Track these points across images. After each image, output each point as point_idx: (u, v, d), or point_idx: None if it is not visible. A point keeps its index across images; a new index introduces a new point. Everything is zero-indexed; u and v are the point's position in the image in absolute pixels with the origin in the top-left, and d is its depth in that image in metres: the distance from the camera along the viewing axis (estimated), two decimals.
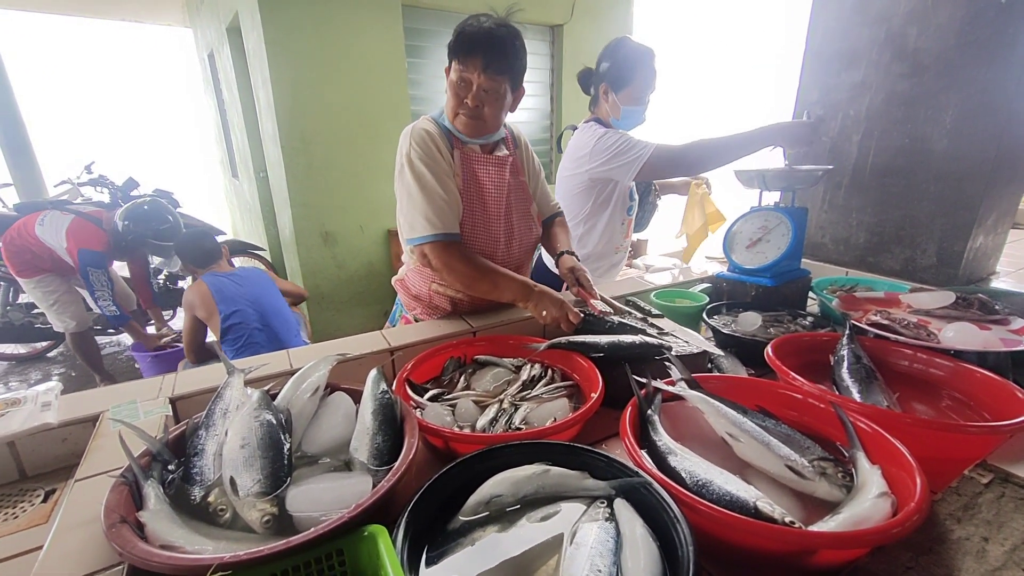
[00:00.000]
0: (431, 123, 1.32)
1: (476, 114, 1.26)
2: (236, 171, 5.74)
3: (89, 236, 3.03)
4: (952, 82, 1.51)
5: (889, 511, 0.62)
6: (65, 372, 4.06)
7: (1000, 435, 0.77)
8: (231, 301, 2.34)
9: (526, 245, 1.51)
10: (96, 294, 3.00)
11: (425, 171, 1.25)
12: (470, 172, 1.34)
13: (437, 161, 1.27)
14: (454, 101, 1.26)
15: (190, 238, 2.70)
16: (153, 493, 0.67)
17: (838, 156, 1.81)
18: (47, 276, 3.15)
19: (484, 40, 1.17)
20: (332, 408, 0.86)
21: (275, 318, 2.46)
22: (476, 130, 1.30)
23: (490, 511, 0.68)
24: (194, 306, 2.36)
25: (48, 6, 6.41)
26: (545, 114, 4.75)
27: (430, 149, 1.27)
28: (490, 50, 1.18)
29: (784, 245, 1.46)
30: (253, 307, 2.39)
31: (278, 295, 2.62)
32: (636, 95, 1.74)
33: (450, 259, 1.27)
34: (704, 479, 0.68)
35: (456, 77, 1.22)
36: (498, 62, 1.20)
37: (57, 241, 3.00)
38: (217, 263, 2.62)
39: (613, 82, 1.74)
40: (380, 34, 3.61)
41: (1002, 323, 1.10)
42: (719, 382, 0.95)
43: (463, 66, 1.20)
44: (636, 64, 1.71)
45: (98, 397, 1.00)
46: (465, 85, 1.22)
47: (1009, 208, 1.69)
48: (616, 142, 1.69)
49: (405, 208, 1.30)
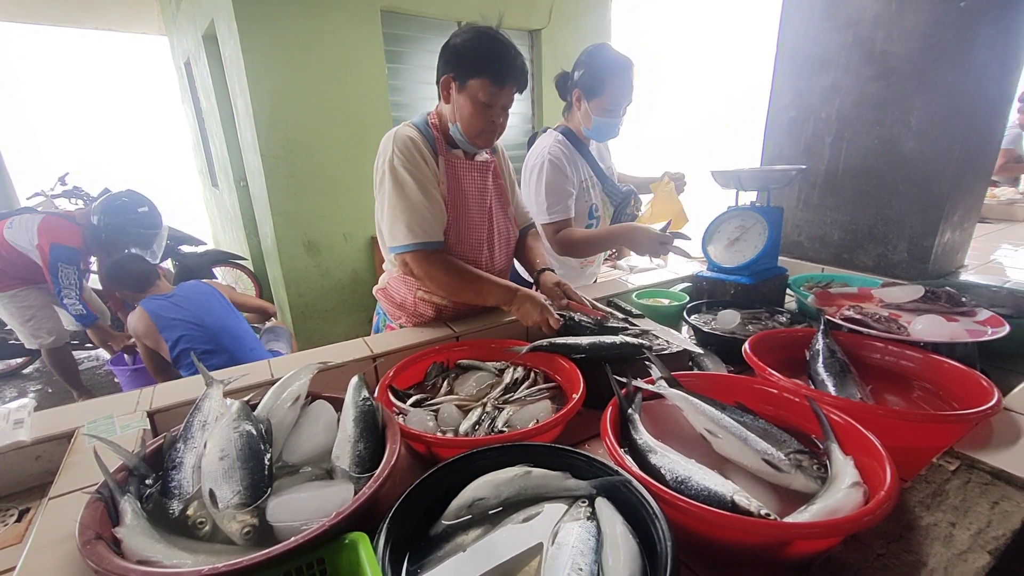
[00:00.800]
0: (414, 130, 1.31)
1: (499, 129, 1.31)
2: (216, 180, 5.66)
3: (61, 231, 2.87)
4: (919, 84, 1.56)
5: (861, 500, 0.64)
6: (41, 388, 3.96)
7: (967, 423, 0.79)
8: (173, 326, 2.19)
9: (509, 248, 1.53)
10: (62, 293, 2.82)
11: (408, 178, 1.25)
12: (455, 179, 1.35)
13: (421, 168, 1.27)
14: (479, 119, 1.26)
15: (118, 263, 2.48)
16: (130, 508, 0.66)
17: (812, 157, 1.86)
18: (23, 290, 3.02)
19: (514, 62, 1.23)
20: (313, 417, 0.85)
21: (225, 336, 2.29)
22: (492, 142, 1.34)
23: (473, 514, 0.69)
24: (140, 335, 2.23)
25: (19, 15, 6.28)
26: (526, 118, 4.78)
27: (414, 156, 1.26)
28: (520, 73, 1.24)
29: (761, 244, 1.49)
30: (198, 328, 2.23)
31: (228, 311, 2.46)
32: (608, 105, 1.67)
33: (432, 268, 1.27)
34: (683, 475, 0.69)
35: (486, 97, 1.23)
36: (522, 82, 1.26)
37: (28, 240, 2.83)
38: (154, 285, 2.43)
39: (586, 90, 1.69)
40: (359, 41, 3.60)
41: (968, 315, 1.14)
42: (698, 379, 0.97)
43: (496, 87, 1.22)
44: (611, 73, 1.65)
45: (73, 413, 0.98)
46: (495, 103, 1.25)
47: (974, 204, 1.75)
48: (538, 187, 1.69)
49: (387, 215, 1.29)
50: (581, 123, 1.76)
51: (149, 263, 2.60)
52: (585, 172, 1.80)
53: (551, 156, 1.69)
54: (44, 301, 3.14)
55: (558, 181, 1.68)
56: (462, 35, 1.24)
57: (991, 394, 0.83)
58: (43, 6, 5.80)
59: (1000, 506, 0.64)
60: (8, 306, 3.03)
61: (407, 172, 1.25)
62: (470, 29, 1.24)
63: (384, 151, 1.29)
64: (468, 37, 1.22)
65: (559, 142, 1.74)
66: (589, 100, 1.69)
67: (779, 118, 1.94)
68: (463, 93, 1.24)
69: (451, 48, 1.24)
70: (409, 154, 1.26)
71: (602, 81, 1.65)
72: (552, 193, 1.68)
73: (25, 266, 2.95)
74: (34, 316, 3.09)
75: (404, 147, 1.26)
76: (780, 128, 1.94)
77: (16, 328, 3.13)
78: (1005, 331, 1.04)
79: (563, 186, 1.69)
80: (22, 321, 3.09)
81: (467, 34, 1.23)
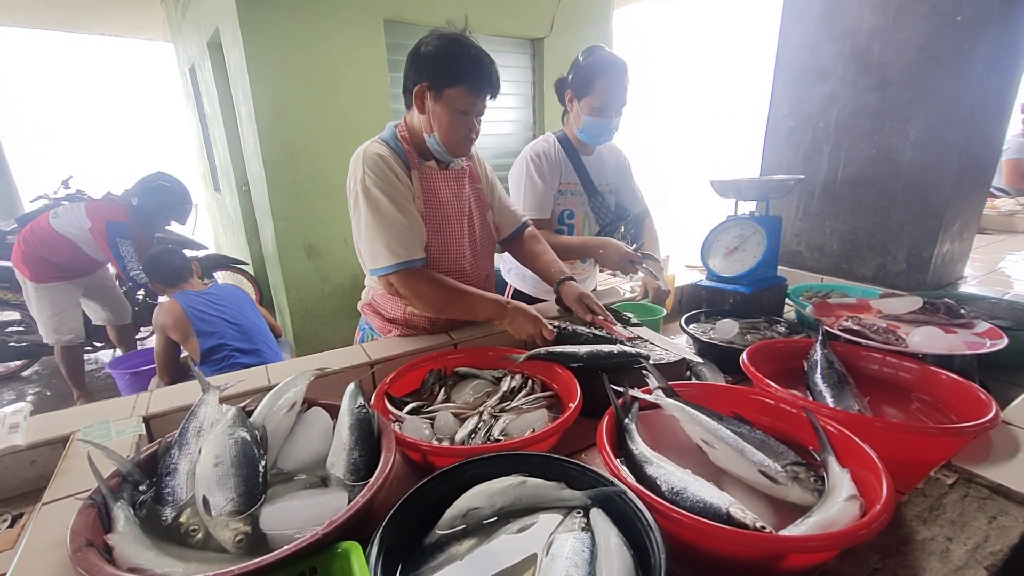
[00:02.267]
0: (383, 145, 1.27)
1: (474, 136, 1.29)
2: (218, 185, 5.69)
3: (112, 209, 3.08)
4: (915, 95, 1.57)
5: (857, 513, 0.63)
6: (40, 392, 3.95)
7: (964, 436, 0.79)
8: (209, 322, 2.24)
9: (489, 254, 1.51)
10: (127, 264, 3.01)
11: (382, 197, 1.21)
12: (431, 191, 1.31)
13: (394, 185, 1.23)
14: (459, 127, 1.24)
15: (156, 255, 2.56)
16: (122, 515, 0.66)
17: (810, 167, 1.87)
18: (61, 284, 3.13)
19: (490, 69, 1.22)
20: (309, 424, 0.85)
21: (257, 336, 2.36)
22: (469, 150, 1.32)
23: (467, 524, 0.68)
24: (167, 327, 2.25)
25: (26, 21, 6.34)
26: (527, 126, 4.80)
27: (385, 174, 1.22)
28: (495, 79, 1.23)
29: (760, 253, 1.50)
30: (233, 327, 2.28)
31: (256, 312, 2.53)
32: (598, 104, 1.63)
33: (417, 286, 1.25)
34: (679, 487, 0.68)
35: (464, 106, 1.21)
36: (497, 88, 1.25)
37: (78, 225, 3.00)
38: (188, 281, 2.50)
39: (577, 89, 1.66)
40: (362, 49, 3.63)
41: (967, 327, 1.13)
42: (696, 389, 0.97)
43: (474, 95, 1.21)
44: (601, 71, 1.61)
45: (69, 417, 0.97)
46: (472, 111, 1.23)
47: (973, 215, 1.75)
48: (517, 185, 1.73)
49: (364, 237, 1.25)
50: (573, 124, 1.73)
51: (186, 258, 2.65)
52: (569, 177, 1.79)
53: (532, 153, 1.72)
54: (74, 299, 3.25)
55: (537, 179, 1.71)
56: (434, 43, 1.19)
57: (989, 407, 0.82)
58: (49, 12, 5.86)
59: (998, 521, 0.63)
60: (42, 298, 3.12)
61: (380, 191, 1.21)
62: (440, 36, 1.20)
63: (354, 171, 1.25)
64: (441, 44, 1.18)
65: (547, 141, 1.76)
66: (579, 99, 1.67)
67: (778, 127, 1.95)
68: (440, 102, 1.21)
69: (423, 56, 1.20)
70: (380, 172, 1.22)
71: (591, 80, 1.63)
72: (529, 190, 1.71)
73: (70, 253, 3.07)
74: (63, 312, 3.19)
75: (374, 165, 1.22)
76: (779, 137, 1.95)
77: (42, 321, 3.21)
78: (1003, 344, 1.03)
79: (540, 184, 1.71)
80: (51, 315, 3.17)
81: (439, 41, 1.19)
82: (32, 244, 3.01)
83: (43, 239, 3.00)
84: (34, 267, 3.04)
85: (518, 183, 1.75)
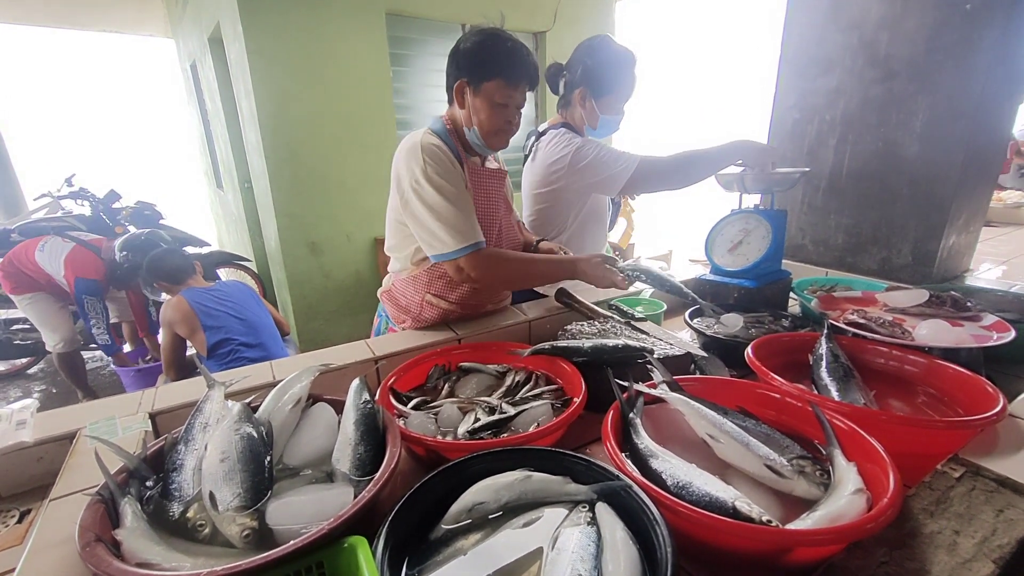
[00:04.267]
0: (436, 137, 1.30)
1: (514, 128, 1.32)
2: (221, 182, 5.69)
3: (87, 265, 3.09)
4: (922, 87, 1.56)
5: (864, 507, 0.63)
6: (46, 389, 3.98)
7: (971, 429, 0.78)
8: (216, 316, 2.27)
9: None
10: (90, 322, 3.08)
11: (447, 184, 1.24)
12: (477, 184, 1.37)
13: (454, 174, 1.27)
14: (497, 120, 1.27)
15: (157, 257, 2.58)
16: (130, 510, 0.66)
17: (815, 160, 1.85)
18: (40, 294, 3.18)
19: (527, 61, 1.25)
20: (314, 419, 0.85)
21: (264, 333, 2.39)
22: (507, 142, 1.34)
23: (472, 519, 0.68)
24: (174, 323, 2.28)
25: (27, 18, 6.34)
26: (529, 120, 4.79)
27: (445, 163, 1.26)
28: (532, 70, 1.27)
29: (764, 247, 1.49)
30: (239, 322, 2.32)
31: (262, 308, 2.56)
32: (618, 103, 1.63)
33: (489, 263, 1.29)
34: (684, 481, 0.68)
35: (501, 98, 1.25)
36: (534, 80, 1.28)
37: (55, 268, 3.06)
38: (192, 277, 2.54)
39: (594, 87, 1.61)
40: (364, 43, 3.62)
41: (974, 319, 1.13)
42: (700, 384, 0.96)
43: (511, 87, 1.25)
44: (620, 68, 1.59)
45: (75, 414, 0.98)
46: (510, 103, 1.27)
47: (979, 208, 1.74)
48: (598, 155, 1.59)
49: (430, 224, 1.25)
50: (584, 120, 1.69)
51: (186, 256, 2.69)
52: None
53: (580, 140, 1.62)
54: (58, 307, 3.29)
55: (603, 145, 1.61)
56: (471, 39, 1.24)
57: (996, 400, 0.82)
58: (49, 9, 5.85)
59: (1005, 514, 0.63)
60: (28, 308, 3.21)
61: (443, 179, 1.24)
62: (478, 32, 1.25)
63: (411, 162, 1.26)
64: (478, 40, 1.23)
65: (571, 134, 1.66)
66: (597, 99, 1.62)
67: (783, 120, 1.93)
68: (479, 96, 1.26)
69: (462, 53, 1.25)
70: (440, 161, 1.26)
71: (611, 79, 1.60)
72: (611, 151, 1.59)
73: (48, 282, 3.14)
74: (50, 319, 3.25)
75: (434, 155, 1.25)
76: (784, 130, 1.94)
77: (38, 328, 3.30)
78: (1011, 336, 1.03)
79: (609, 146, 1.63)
80: (40, 322, 3.25)
81: (476, 37, 1.24)
82: (14, 267, 3.09)
83: (24, 267, 3.08)
84: (15, 282, 3.11)
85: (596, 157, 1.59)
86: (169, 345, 2.37)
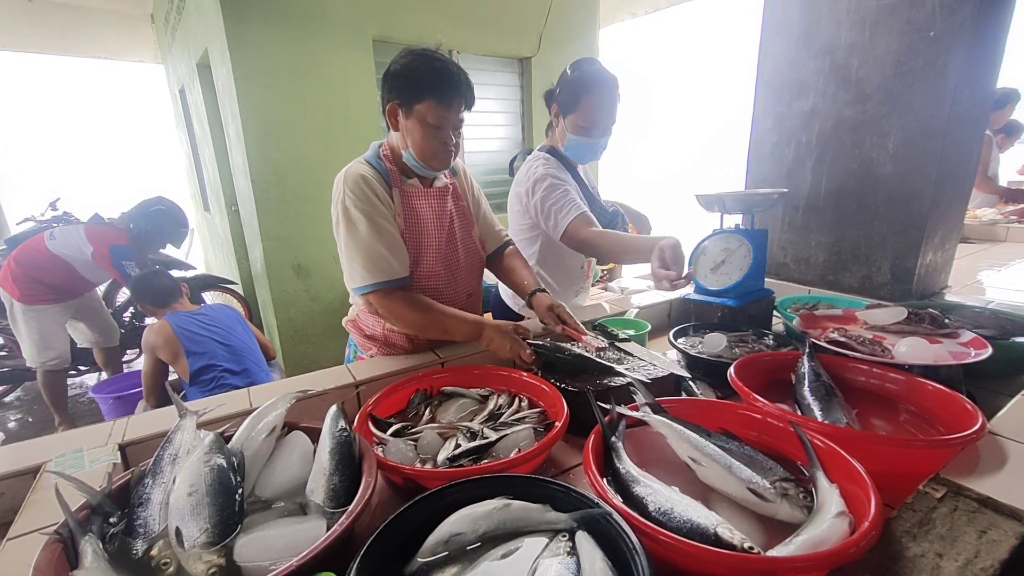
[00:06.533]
0: (365, 166, 1.29)
1: (452, 149, 1.28)
2: (208, 205, 5.67)
3: (112, 234, 3.11)
4: (893, 109, 1.60)
5: (847, 530, 0.62)
6: (22, 418, 3.87)
7: (951, 448, 0.78)
8: (199, 342, 2.23)
9: (474, 271, 1.51)
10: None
11: (361, 217, 1.23)
12: (411, 209, 1.32)
13: (375, 206, 1.25)
14: (432, 141, 1.24)
15: (143, 278, 2.59)
16: (90, 549, 0.63)
17: (793, 180, 1.89)
18: (50, 306, 3.10)
19: (459, 79, 1.21)
20: (288, 449, 0.83)
21: (248, 358, 2.35)
22: (448, 163, 1.31)
23: (450, 550, 0.66)
24: (156, 348, 2.23)
25: (16, 44, 6.35)
26: (516, 143, 4.85)
27: (365, 194, 1.24)
28: (466, 89, 1.22)
29: (746, 266, 1.50)
30: (224, 348, 2.27)
31: (248, 333, 2.52)
32: (583, 123, 1.57)
33: (394, 306, 1.26)
34: (666, 507, 0.67)
35: (435, 119, 1.21)
36: (470, 99, 1.24)
37: (77, 247, 3.00)
38: (178, 301, 2.50)
39: (562, 104, 1.60)
40: (351, 69, 3.67)
41: (952, 336, 1.14)
42: (683, 405, 0.96)
43: (444, 107, 1.20)
44: (588, 87, 1.54)
45: (42, 446, 0.95)
46: (445, 124, 1.23)
47: (954, 225, 1.77)
48: (544, 198, 1.58)
49: (344, 256, 1.27)
50: (558, 140, 1.68)
51: (174, 279, 2.67)
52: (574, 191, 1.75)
53: (544, 169, 1.62)
54: (62, 321, 3.22)
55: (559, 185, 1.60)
56: (400, 60, 1.21)
57: (975, 418, 0.82)
58: (38, 35, 5.88)
59: (988, 535, 0.62)
60: (30, 320, 3.09)
61: (360, 212, 1.22)
62: (408, 53, 1.21)
63: (336, 192, 1.26)
64: (407, 61, 1.19)
65: (546, 160, 1.68)
66: (565, 116, 1.61)
67: (762, 143, 1.98)
68: (411, 118, 1.22)
69: (392, 75, 1.21)
70: (361, 192, 1.23)
71: (577, 96, 1.56)
72: (559, 197, 1.59)
73: (66, 275, 3.07)
74: (50, 335, 3.15)
75: (355, 186, 1.23)
76: (763, 152, 1.98)
77: (27, 343, 3.16)
78: (987, 353, 1.03)
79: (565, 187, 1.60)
80: (37, 338, 3.13)
81: (406, 58, 1.20)
82: (25, 265, 2.99)
83: (38, 260, 3.00)
84: (25, 288, 3.01)
85: (543, 198, 1.61)
86: (150, 371, 2.30)
